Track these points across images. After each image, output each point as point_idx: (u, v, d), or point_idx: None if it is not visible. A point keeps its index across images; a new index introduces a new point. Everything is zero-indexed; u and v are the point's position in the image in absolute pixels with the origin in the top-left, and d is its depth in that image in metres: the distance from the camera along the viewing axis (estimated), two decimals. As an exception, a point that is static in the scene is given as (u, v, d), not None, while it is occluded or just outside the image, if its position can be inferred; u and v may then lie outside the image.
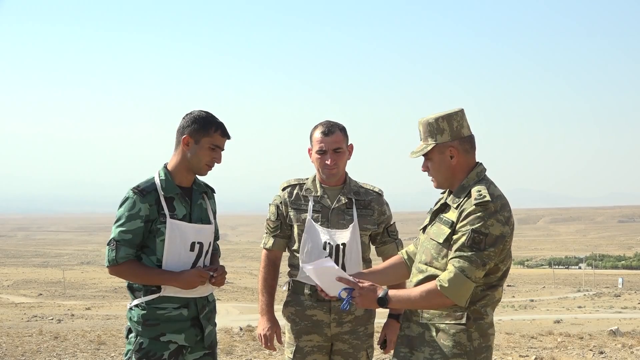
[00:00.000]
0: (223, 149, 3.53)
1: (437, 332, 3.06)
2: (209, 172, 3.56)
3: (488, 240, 2.95)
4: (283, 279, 4.06)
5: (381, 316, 4.02)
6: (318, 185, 3.99)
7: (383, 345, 3.97)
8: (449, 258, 2.99)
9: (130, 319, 3.47)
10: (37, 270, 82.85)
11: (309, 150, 3.97)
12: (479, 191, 3.02)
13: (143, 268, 3.39)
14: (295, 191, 4.02)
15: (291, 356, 3.94)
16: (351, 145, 3.98)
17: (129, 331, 3.48)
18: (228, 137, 3.52)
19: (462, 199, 3.07)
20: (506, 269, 3.12)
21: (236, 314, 32.95)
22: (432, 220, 3.23)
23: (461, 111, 3.15)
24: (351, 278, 3.13)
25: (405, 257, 3.44)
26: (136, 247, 3.40)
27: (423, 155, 3.18)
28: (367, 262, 3.97)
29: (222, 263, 3.72)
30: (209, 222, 3.58)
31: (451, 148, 3.12)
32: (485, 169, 3.19)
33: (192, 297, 3.47)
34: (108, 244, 3.40)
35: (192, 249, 3.46)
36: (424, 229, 3.28)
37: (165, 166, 3.54)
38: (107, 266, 3.41)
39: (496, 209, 2.99)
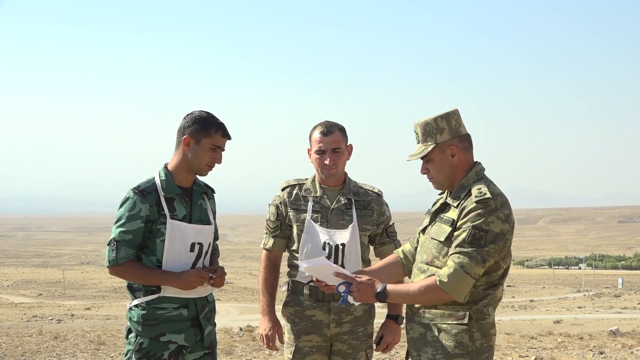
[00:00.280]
0: (224, 150, 3.53)
1: (439, 332, 3.06)
2: (209, 172, 3.57)
3: (488, 237, 2.95)
4: (283, 279, 4.07)
5: (381, 317, 4.02)
6: (317, 185, 3.99)
7: (377, 343, 3.96)
8: (449, 254, 3.00)
9: (130, 319, 3.47)
10: (37, 270, 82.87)
11: (309, 150, 3.97)
12: (479, 189, 3.03)
13: (143, 268, 3.39)
14: (294, 191, 4.02)
15: (290, 356, 3.94)
16: (350, 145, 3.98)
17: (129, 331, 3.48)
18: (229, 138, 3.52)
19: (462, 198, 3.08)
20: (507, 267, 3.12)
21: (236, 314, 32.96)
22: (432, 220, 3.23)
23: (457, 111, 3.17)
24: (349, 273, 3.13)
25: (401, 256, 3.44)
26: (136, 248, 3.40)
27: (422, 157, 3.18)
28: (367, 263, 3.97)
29: (222, 263, 3.72)
30: (209, 223, 3.58)
31: (452, 146, 3.13)
32: (484, 168, 3.20)
33: (192, 298, 3.46)
34: (108, 244, 3.40)
35: (192, 250, 3.46)
36: (424, 230, 3.28)
37: (165, 166, 3.53)
38: (108, 266, 3.41)
39: (496, 207, 3.00)
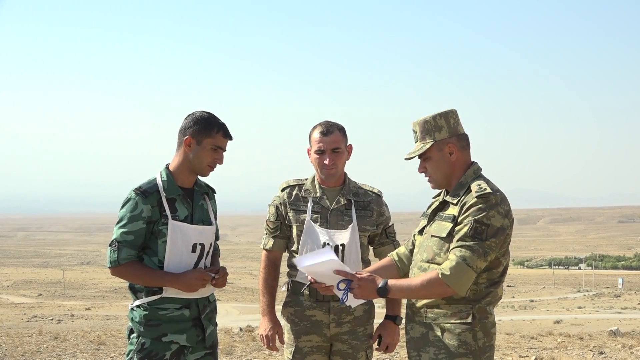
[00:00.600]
0: (225, 150, 3.53)
1: (442, 332, 3.06)
2: (210, 173, 3.57)
3: (489, 231, 2.98)
4: (283, 280, 4.07)
5: (380, 317, 4.02)
6: (317, 186, 3.99)
7: (378, 343, 3.97)
8: (451, 248, 3.01)
9: (132, 320, 3.47)
10: (37, 270, 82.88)
11: (308, 150, 3.97)
12: (479, 184, 3.07)
13: (144, 269, 3.39)
14: (294, 192, 4.02)
15: (290, 356, 3.94)
16: (350, 145, 3.98)
17: (131, 331, 3.49)
18: (230, 138, 3.52)
19: (462, 195, 3.10)
20: (506, 265, 3.14)
21: (236, 314, 32.96)
22: (431, 220, 3.24)
23: (455, 110, 3.21)
24: (349, 270, 3.12)
25: (395, 259, 3.45)
26: (138, 249, 3.40)
27: (420, 155, 3.20)
28: (366, 263, 3.97)
29: (222, 263, 3.72)
30: (210, 223, 3.58)
31: (450, 144, 3.16)
32: (481, 168, 3.23)
33: (194, 298, 3.47)
34: (110, 245, 3.41)
35: (194, 250, 3.46)
36: (421, 232, 3.28)
37: (167, 167, 3.53)
38: (109, 267, 3.41)
39: (497, 202, 3.03)
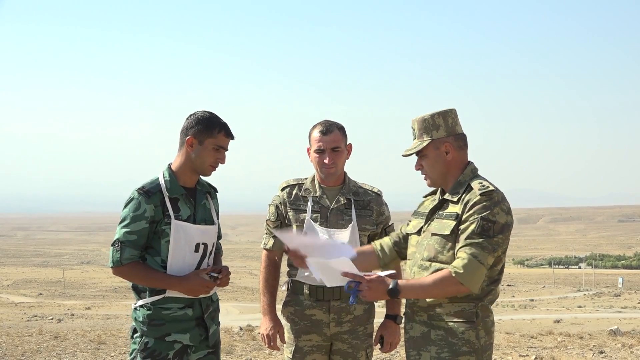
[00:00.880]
0: (227, 150, 3.52)
1: (445, 331, 3.07)
2: (214, 172, 3.56)
3: (496, 227, 3.01)
4: (283, 279, 4.07)
5: (380, 316, 4.02)
6: (317, 185, 3.99)
7: (380, 343, 3.97)
8: (459, 247, 3.01)
9: (135, 319, 3.47)
10: (37, 270, 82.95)
11: (308, 149, 3.97)
12: (481, 182, 3.11)
13: (147, 270, 3.39)
14: (294, 191, 4.02)
15: (290, 356, 3.94)
16: (350, 144, 3.98)
17: (134, 331, 3.49)
18: (232, 138, 3.52)
19: (462, 193, 3.12)
20: (503, 263, 3.16)
21: (236, 314, 32.97)
22: (429, 219, 3.24)
23: (455, 110, 3.22)
24: (357, 271, 3.07)
25: (377, 248, 3.45)
26: (141, 249, 3.40)
27: (417, 153, 3.21)
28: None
29: (223, 263, 3.72)
30: (213, 223, 3.58)
31: (447, 143, 3.17)
32: (477, 168, 3.25)
33: (197, 297, 3.47)
34: (112, 245, 3.40)
35: (197, 250, 3.46)
36: (419, 232, 3.26)
37: (169, 166, 3.53)
38: (111, 267, 3.40)
39: (499, 199, 3.07)
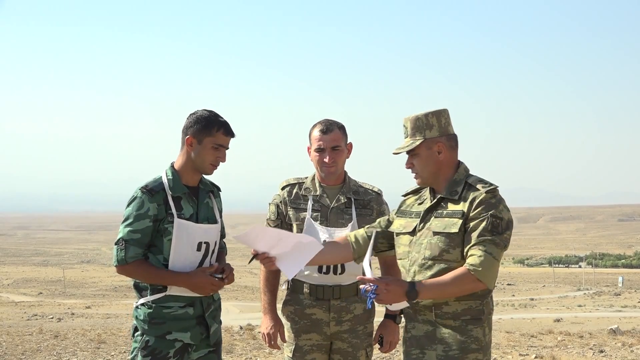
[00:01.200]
0: (227, 148, 3.52)
1: (453, 329, 3.08)
2: (215, 171, 3.57)
3: (503, 224, 3.05)
4: (283, 278, 4.07)
5: (379, 315, 4.02)
6: (317, 184, 3.99)
7: (380, 343, 3.97)
8: (471, 244, 3.02)
9: (136, 318, 3.48)
10: (37, 269, 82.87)
11: (308, 148, 3.97)
12: (482, 180, 3.15)
13: (152, 268, 3.39)
14: (294, 190, 4.03)
15: (290, 355, 3.94)
16: (350, 143, 3.98)
17: (135, 329, 3.50)
18: (232, 136, 3.51)
19: (461, 191, 3.13)
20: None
21: (236, 313, 32.93)
22: (424, 218, 3.22)
23: (447, 110, 3.23)
24: (372, 276, 3.03)
25: (352, 240, 3.45)
26: (145, 247, 3.40)
27: (408, 151, 3.21)
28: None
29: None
30: (215, 222, 3.58)
31: (439, 143, 3.18)
32: (469, 168, 3.27)
33: (198, 296, 3.48)
34: (116, 244, 3.40)
35: (199, 249, 3.46)
36: (413, 232, 3.24)
37: (172, 165, 3.54)
38: (116, 265, 3.40)
39: (501, 196, 3.11)
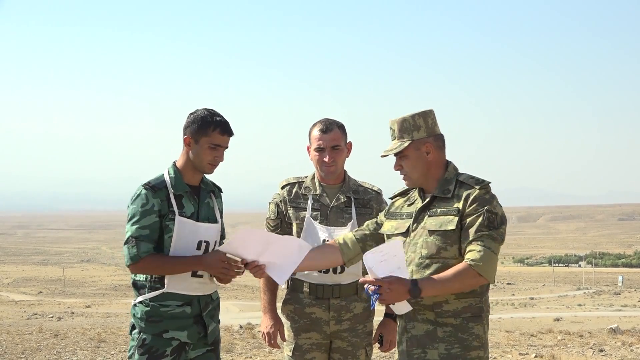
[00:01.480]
0: (226, 147, 3.52)
1: (454, 327, 3.08)
2: (215, 170, 3.56)
3: (499, 219, 3.07)
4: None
5: (379, 314, 4.02)
6: (317, 183, 3.99)
7: (380, 342, 3.97)
8: (470, 240, 3.03)
9: (134, 316, 3.48)
10: (37, 268, 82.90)
11: (308, 148, 3.97)
12: (473, 177, 3.17)
13: (167, 257, 3.37)
14: (294, 189, 4.03)
15: (290, 354, 3.95)
16: (350, 143, 3.98)
17: (133, 327, 3.50)
18: (229, 135, 3.50)
19: (453, 189, 3.15)
20: None
21: (236, 312, 32.94)
22: (417, 217, 3.22)
23: (433, 110, 3.24)
24: (376, 275, 2.94)
25: (340, 243, 3.45)
26: (154, 242, 3.38)
27: (396, 153, 3.21)
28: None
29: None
30: (216, 221, 3.58)
31: (428, 144, 3.19)
32: (457, 167, 3.28)
33: (196, 295, 3.48)
34: (126, 243, 3.37)
35: (199, 247, 3.46)
36: (406, 232, 3.23)
37: (174, 164, 3.55)
38: (130, 264, 3.36)
39: (493, 193, 3.13)
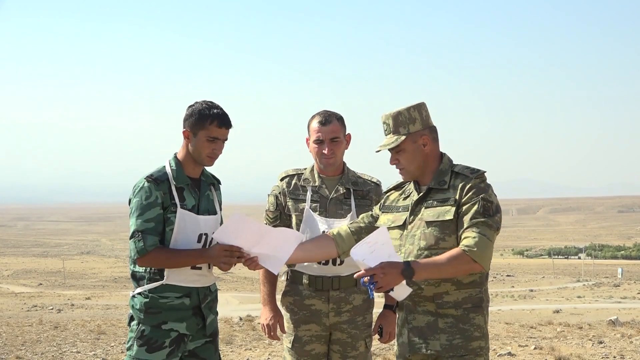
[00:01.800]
0: (225, 139, 3.50)
1: (455, 318, 3.09)
2: (215, 162, 3.55)
3: (494, 207, 3.08)
4: (283, 269, 4.07)
5: (379, 306, 4.02)
6: (316, 175, 3.99)
7: (380, 333, 3.98)
8: (465, 227, 3.04)
9: (132, 307, 3.48)
10: (37, 260, 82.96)
11: (307, 140, 3.97)
12: (467, 167, 3.18)
13: (171, 251, 3.37)
14: (293, 181, 4.02)
15: (290, 345, 3.95)
16: (349, 134, 3.98)
17: (131, 319, 3.51)
18: (227, 127, 3.49)
19: (449, 180, 3.16)
20: None
21: (236, 304, 32.99)
22: (414, 210, 3.22)
23: (425, 103, 3.23)
24: (365, 264, 2.94)
25: (335, 234, 3.45)
26: (160, 235, 3.38)
27: (393, 148, 3.19)
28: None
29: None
30: (215, 213, 3.59)
31: (424, 136, 3.19)
32: (452, 159, 3.29)
33: (195, 287, 3.48)
34: (131, 237, 3.37)
35: (199, 240, 3.46)
36: (403, 226, 3.22)
37: (175, 156, 3.55)
38: (137, 258, 3.36)
39: (489, 182, 3.15)
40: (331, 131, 3.86)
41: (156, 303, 3.42)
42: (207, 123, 3.43)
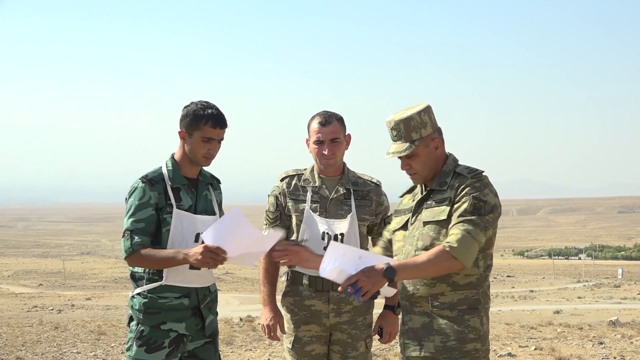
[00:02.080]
0: (220, 139, 3.51)
1: (450, 319, 3.07)
2: (212, 162, 3.55)
3: (486, 207, 3.05)
4: (283, 269, 4.07)
5: (379, 307, 4.02)
6: (316, 175, 3.99)
7: (380, 334, 3.97)
8: (452, 224, 3.03)
9: (132, 307, 3.49)
10: (37, 260, 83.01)
11: (307, 140, 3.96)
12: (468, 167, 3.18)
13: (158, 252, 3.35)
14: (293, 182, 4.02)
15: (290, 346, 3.95)
16: (349, 135, 3.97)
17: (131, 319, 3.51)
18: (222, 127, 3.49)
19: (449, 180, 3.16)
20: (493, 248, 3.19)
21: (236, 305, 33.02)
22: (416, 211, 3.23)
23: (430, 105, 3.20)
24: (348, 272, 2.95)
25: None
26: (150, 235, 3.39)
27: (408, 154, 3.15)
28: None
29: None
30: (213, 213, 3.59)
31: (436, 139, 3.19)
32: (457, 159, 3.28)
33: (194, 287, 3.48)
34: (123, 236, 3.40)
35: (197, 240, 3.45)
36: (405, 226, 3.24)
37: (172, 156, 3.55)
38: (125, 257, 3.37)
39: (487, 181, 3.13)
40: (331, 132, 3.85)
41: (155, 303, 3.42)
42: (202, 124, 3.43)
